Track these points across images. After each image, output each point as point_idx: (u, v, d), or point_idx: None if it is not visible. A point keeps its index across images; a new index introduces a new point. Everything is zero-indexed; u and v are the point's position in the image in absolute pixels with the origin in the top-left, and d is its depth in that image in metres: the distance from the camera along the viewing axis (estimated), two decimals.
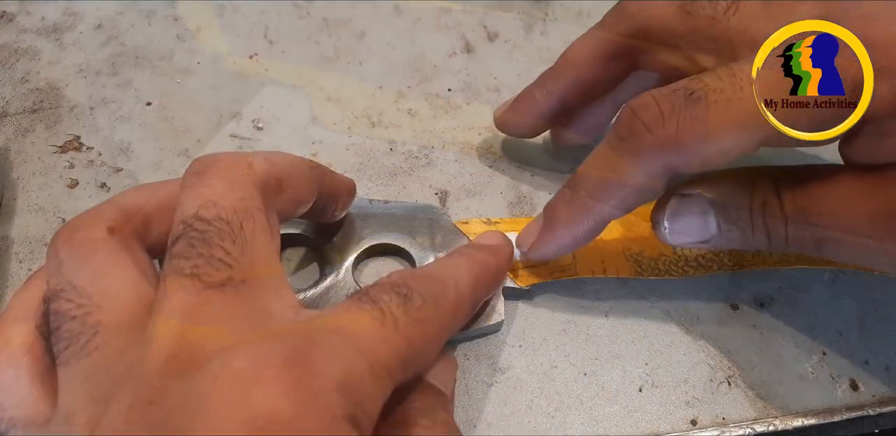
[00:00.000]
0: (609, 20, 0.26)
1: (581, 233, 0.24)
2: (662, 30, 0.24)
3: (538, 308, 0.27)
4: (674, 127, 0.21)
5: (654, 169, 0.21)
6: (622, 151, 0.22)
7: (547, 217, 0.25)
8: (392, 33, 0.36)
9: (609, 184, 0.22)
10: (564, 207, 0.24)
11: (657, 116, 0.21)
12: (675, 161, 0.21)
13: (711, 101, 0.20)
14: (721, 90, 0.20)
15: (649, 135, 0.21)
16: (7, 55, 0.33)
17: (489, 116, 0.33)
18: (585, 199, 0.23)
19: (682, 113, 0.20)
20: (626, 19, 0.25)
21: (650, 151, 0.21)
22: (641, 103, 0.21)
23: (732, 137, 0.20)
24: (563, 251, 0.25)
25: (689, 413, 0.25)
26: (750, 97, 0.20)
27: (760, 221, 0.22)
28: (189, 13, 0.35)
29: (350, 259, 0.27)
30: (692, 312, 0.27)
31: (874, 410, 0.25)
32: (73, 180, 0.29)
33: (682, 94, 0.21)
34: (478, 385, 0.25)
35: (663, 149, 0.21)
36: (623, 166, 0.22)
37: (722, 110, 0.20)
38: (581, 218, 0.24)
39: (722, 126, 0.20)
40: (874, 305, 0.28)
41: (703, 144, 0.20)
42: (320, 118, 0.32)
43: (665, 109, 0.21)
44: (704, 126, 0.20)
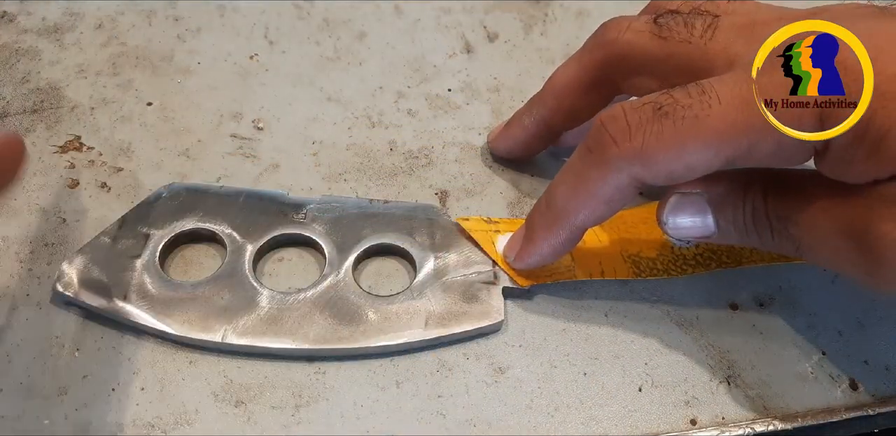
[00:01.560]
0: (588, 48, 0.26)
1: (558, 243, 0.24)
2: (641, 56, 0.24)
3: (538, 308, 0.27)
4: (639, 140, 0.21)
5: (620, 181, 0.22)
6: (589, 162, 0.22)
7: (527, 229, 0.25)
8: (392, 33, 0.36)
9: (578, 194, 0.23)
10: (540, 217, 0.25)
11: (624, 128, 0.21)
12: (640, 174, 0.21)
13: (678, 117, 0.20)
14: (689, 106, 0.20)
15: (615, 147, 0.21)
16: (7, 55, 0.33)
17: (489, 115, 0.33)
18: (558, 209, 0.24)
19: (649, 127, 0.21)
20: (605, 47, 0.25)
21: (615, 163, 0.21)
22: (610, 115, 0.22)
23: (697, 154, 0.20)
24: (546, 261, 0.25)
25: (689, 413, 0.25)
26: (718, 115, 0.20)
27: (751, 224, 0.23)
28: (189, 13, 0.35)
29: (350, 259, 0.27)
30: (692, 312, 0.27)
31: (874, 410, 0.25)
32: (74, 180, 0.29)
33: (651, 109, 0.21)
34: (478, 385, 0.25)
35: (628, 161, 0.21)
36: (591, 177, 0.22)
37: (688, 126, 0.20)
38: (556, 229, 0.24)
39: (687, 142, 0.20)
40: (874, 305, 0.28)
41: (667, 158, 0.21)
42: (320, 118, 0.32)
43: (632, 121, 0.21)
44: (669, 141, 0.20)
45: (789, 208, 0.22)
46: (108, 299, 0.25)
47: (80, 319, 0.25)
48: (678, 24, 0.23)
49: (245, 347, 0.25)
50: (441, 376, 0.25)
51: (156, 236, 0.26)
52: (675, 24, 0.23)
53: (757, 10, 0.23)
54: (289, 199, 0.28)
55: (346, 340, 0.25)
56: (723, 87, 0.20)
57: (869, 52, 0.19)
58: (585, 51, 0.26)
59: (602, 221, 0.23)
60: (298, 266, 0.27)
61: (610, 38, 0.25)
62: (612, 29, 0.25)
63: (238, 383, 0.25)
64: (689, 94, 0.20)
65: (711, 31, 0.22)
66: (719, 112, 0.20)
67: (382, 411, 0.24)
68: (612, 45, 0.25)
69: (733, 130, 0.20)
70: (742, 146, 0.20)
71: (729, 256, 0.27)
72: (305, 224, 0.27)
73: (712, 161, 0.21)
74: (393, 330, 0.25)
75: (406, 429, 0.24)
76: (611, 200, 0.22)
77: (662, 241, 0.27)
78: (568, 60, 0.27)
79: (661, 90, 0.21)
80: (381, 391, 0.25)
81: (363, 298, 0.26)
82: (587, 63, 0.26)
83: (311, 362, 0.25)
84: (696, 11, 0.24)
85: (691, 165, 0.21)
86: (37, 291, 0.26)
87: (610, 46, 0.25)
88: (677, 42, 0.23)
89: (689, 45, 0.23)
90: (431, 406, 0.25)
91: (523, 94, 0.33)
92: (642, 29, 0.24)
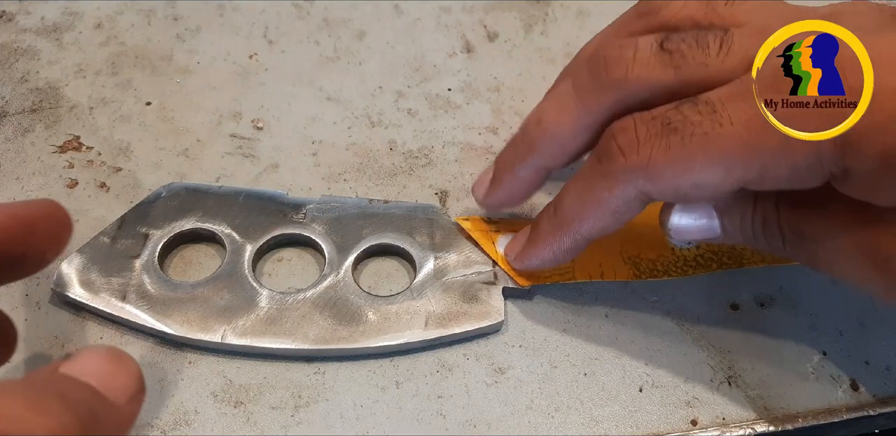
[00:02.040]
0: (591, 88, 0.23)
1: (561, 250, 0.24)
2: (657, 88, 0.22)
3: (538, 308, 0.27)
4: (647, 154, 0.21)
5: (626, 193, 0.21)
6: (597, 172, 0.22)
7: (532, 231, 0.25)
8: (392, 33, 0.36)
9: (585, 203, 0.23)
10: (546, 223, 0.24)
11: (633, 140, 0.21)
12: (646, 187, 0.21)
13: (688, 134, 0.20)
14: (699, 124, 0.20)
15: (623, 159, 0.21)
16: (6, 55, 0.33)
17: (489, 115, 0.33)
18: (564, 216, 0.23)
19: (657, 141, 0.20)
20: (614, 90, 0.22)
21: (622, 175, 0.21)
22: (621, 127, 0.21)
23: (705, 172, 0.20)
24: (546, 265, 0.25)
25: (690, 413, 0.25)
26: (729, 135, 0.19)
27: (760, 232, 0.23)
28: (188, 12, 0.35)
29: (350, 259, 0.27)
30: (692, 312, 0.27)
31: (874, 410, 0.25)
32: (73, 180, 0.29)
33: (660, 123, 0.20)
34: (478, 385, 0.25)
35: (635, 174, 0.21)
36: (598, 187, 0.22)
37: (697, 144, 0.20)
38: (560, 235, 0.24)
39: (695, 159, 0.20)
40: (874, 306, 0.28)
41: (674, 174, 0.20)
42: (320, 118, 0.32)
43: (641, 134, 0.21)
44: (676, 156, 0.20)
45: (806, 222, 0.21)
46: (107, 299, 0.25)
47: (79, 319, 0.25)
48: (690, 46, 0.21)
49: (244, 347, 0.25)
50: (441, 377, 0.25)
51: (155, 236, 0.26)
52: (686, 47, 0.21)
53: (765, 10, 0.22)
54: (288, 199, 0.28)
55: (346, 340, 0.25)
56: (735, 106, 0.20)
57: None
58: (588, 91, 0.23)
59: (607, 232, 0.23)
60: (298, 266, 0.27)
61: (617, 78, 0.22)
62: (615, 65, 0.22)
63: (237, 384, 0.24)
64: (699, 111, 0.20)
65: (727, 48, 0.21)
66: (731, 132, 0.19)
67: (382, 412, 0.24)
68: (623, 86, 0.22)
69: (744, 151, 0.19)
70: (753, 168, 0.20)
71: (730, 257, 0.27)
72: (305, 224, 0.27)
73: (721, 182, 0.20)
74: (393, 330, 0.25)
75: (406, 429, 0.24)
76: (616, 211, 0.22)
77: (663, 242, 0.27)
78: (562, 100, 0.24)
79: (671, 104, 0.21)
80: (380, 392, 0.25)
81: (363, 298, 0.26)
82: (594, 108, 0.23)
83: (311, 363, 0.25)
84: (701, 26, 0.22)
85: (699, 184, 0.20)
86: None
87: (620, 88, 0.22)
88: (694, 67, 0.21)
89: (707, 67, 0.21)
90: (431, 407, 0.25)
91: (523, 93, 0.33)
92: (651, 60, 0.21)
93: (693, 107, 0.20)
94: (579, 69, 0.24)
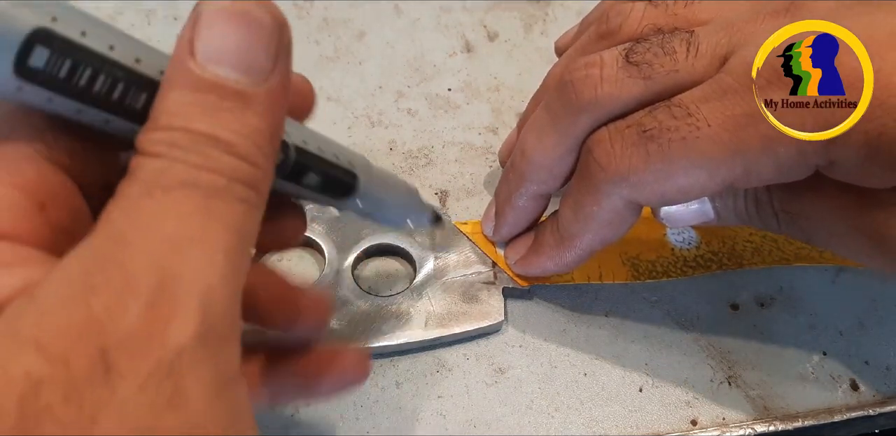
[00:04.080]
0: (563, 113, 0.22)
1: (563, 262, 0.24)
2: (630, 102, 0.21)
3: (538, 308, 0.27)
4: (625, 164, 0.21)
5: (614, 204, 0.22)
6: (583, 189, 0.22)
7: (535, 241, 0.25)
8: (392, 33, 0.36)
9: (579, 220, 0.23)
10: (550, 236, 0.24)
11: (609, 152, 0.21)
12: (632, 196, 0.21)
13: (665, 140, 0.20)
14: (676, 129, 0.20)
15: (602, 172, 0.21)
16: None
17: (489, 115, 0.33)
18: (564, 232, 0.24)
19: (634, 150, 0.20)
20: (586, 111, 0.22)
21: (604, 188, 0.21)
22: (596, 140, 0.21)
23: (688, 176, 0.20)
24: (547, 274, 0.26)
25: (690, 413, 0.25)
26: (707, 137, 0.19)
27: (754, 213, 0.23)
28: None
29: (350, 259, 0.27)
30: (692, 312, 0.27)
31: (874, 410, 0.25)
32: None
33: (636, 131, 0.20)
34: (478, 385, 0.25)
35: (617, 185, 0.21)
36: (586, 203, 0.22)
37: (677, 150, 0.20)
38: (562, 250, 0.24)
39: (675, 165, 0.20)
40: (874, 306, 0.28)
41: (656, 180, 0.20)
42: (320, 118, 0.32)
43: (616, 145, 0.21)
44: (656, 164, 0.20)
45: (798, 202, 0.21)
46: None
47: None
48: (656, 55, 0.21)
49: None
50: (441, 377, 0.25)
51: None
52: (653, 56, 0.21)
53: (727, 5, 0.22)
54: None
55: (346, 340, 0.25)
56: (710, 107, 0.19)
57: (870, 51, 0.18)
58: (562, 117, 0.22)
59: (610, 241, 0.23)
60: (298, 266, 0.27)
61: (588, 99, 0.21)
62: (583, 87, 0.21)
63: None
64: (674, 116, 0.20)
65: (695, 50, 0.20)
66: (709, 134, 0.19)
67: (382, 412, 0.24)
68: (594, 107, 0.21)
69: (726, 152, 0.19)
70: (737, 168, 0.20)
71: (730, 257, 0.27)
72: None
73: (707, 184, 0.20)
74: (393, 330, 0.25)
75: (406, 429, 0.24)
76: (611, 222, 0.22)
77: (663, 242, 0.27)
78: (540, 128, 0.23)
79: (644, 110, 0.21)
80: (381, 391, 0.25)
81: (363, 298, 0.26)
82: (570, 131, 0.22)
83: None
84: (664, 31, 0.22)
85: (684, 188, 0.20)
86: None
87: (592, 109, 0.21)
88: (664, 75, 0.20)
89: (678, 73, 0.20)
90: (431, 407, 0.25)
91: (523, 93, 0.33)
92: (619, 76, 0.21)
93: (667, 111, 0.20)
94: (550, 95, 0.23)
